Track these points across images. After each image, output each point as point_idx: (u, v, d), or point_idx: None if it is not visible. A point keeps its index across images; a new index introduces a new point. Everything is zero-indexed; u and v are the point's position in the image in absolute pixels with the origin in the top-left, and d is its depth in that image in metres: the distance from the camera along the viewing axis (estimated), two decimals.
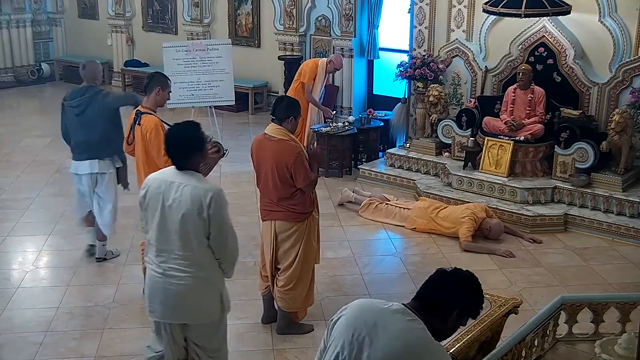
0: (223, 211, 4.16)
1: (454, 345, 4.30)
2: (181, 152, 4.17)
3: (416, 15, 9.58)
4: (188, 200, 4.07)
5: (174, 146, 4.20)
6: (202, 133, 4.24)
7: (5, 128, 11.76)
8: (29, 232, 7.71)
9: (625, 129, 7.75)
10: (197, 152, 4.19)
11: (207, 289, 4.24)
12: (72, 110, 6.60)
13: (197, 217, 4.07)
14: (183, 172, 4.16)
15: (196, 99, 10.56)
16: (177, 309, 4.21)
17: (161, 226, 4.16)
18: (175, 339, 4.30)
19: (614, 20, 8.20)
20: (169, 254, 4.17)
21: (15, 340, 5.60)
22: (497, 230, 7.55)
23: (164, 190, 4.13)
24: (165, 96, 5.86)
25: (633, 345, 4.34)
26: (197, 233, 4.10)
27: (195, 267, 4.15)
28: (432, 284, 2.96)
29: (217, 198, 4.10)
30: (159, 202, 4.14)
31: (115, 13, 14.54)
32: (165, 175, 4.22)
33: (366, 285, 6.53)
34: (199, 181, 4.14)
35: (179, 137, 4.19)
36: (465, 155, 8.64)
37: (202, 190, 4.08)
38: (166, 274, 4.18)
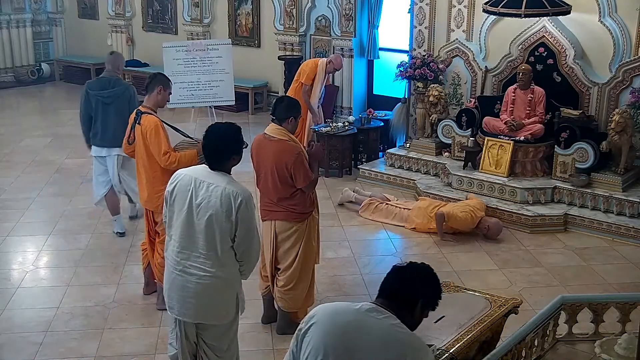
0: (252, 215, 4.13)
1: (454, 345, 4.30)
2: (217, 153, 4.14)
3: (416, 15, 9.58)
4: (217, 202, 4.05)
5: (211, 146, 4.16)
6: (241, 137, 4.21)
7: (5, 128, 11.75)
8: (29, 232, 7.71)
9: (625, 129, 7.75)
10: (232, 155, 4.16)
11: (225, 289, 4.23)
12: (101, 99, 7.17)
13: (225, 219, 4.05)
14: (215, 172, 4.14)
15: (196, 99, 10.56)
16: (194, 307, 4.20)
17: (186, 223, 4.15)
18: (188, 336, 4.31)
19: (614, 20, 8.21)
20: (191, 252, 4.16)
21: (15, 340, 5.60)
22: (496, 229, 7.56)
23: (193, 188, 4.12)
24: (165, 96, 5.88)
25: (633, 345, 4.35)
26: (222, 234, 4.09)
27: (217, 267, 4.14)
28: (394, 279, 2.96)
29: (247, 201, 4.08)
30: (187, 199, 4.13)
31: (115, 13, 14.54)
32: (197, 173, 4.19)
33: (366, 285, 6.53)
34: (230, 183, 4.11)
35: (218, 138, 4.16)
36: (465, 155, 8.64)
37: (233, 192, 4.06)
38: (186, 271, 4.18)
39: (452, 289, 5.05)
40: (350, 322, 2.86)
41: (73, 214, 8.16)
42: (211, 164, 4.17)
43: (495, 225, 7.57)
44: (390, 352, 2.81)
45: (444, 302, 4.77)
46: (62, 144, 10.87)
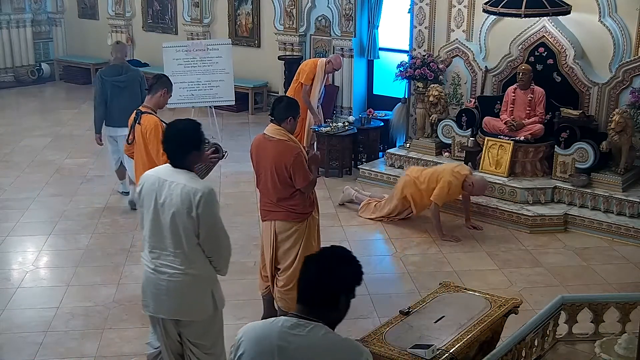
0: (213, 211, 4.11)
1: (454, 345, 4.31)
2: (177, 149, 4.13)
3: (416, 15, 9.58)
4: (178, 199, 4.04)
5: (170, 142, 4.16)
6: (202, 133, 4.21)
7: (5, 128, 11.75)
8: (29, 232, 7.71)
9: (625, 129, 7.75)
10: (192, 151, 4.15)
11: (197, 286, 4.22)
12: (117, 84, 8.10)
13: (186, 216, 4.04)
14: (177, 170, 4.13)
15: (196, 99, 10.57)
16: (168, 304, 4.22)
17: (154, 223, 4.17)
18: (168, 333, 4.32)
19: (614, 20, 8.20)
20: (161, 251, 4.18)
21: (15, 340, 5.61)
22: (481, 185, 7.59)
23: (157, 188, 4.12)
24: (167, 99, 5.99)
25: (633, 345, 4.35)
26: (187, 232, 4.08)
27: (186, 264, 4.14)
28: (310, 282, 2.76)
29: (207, 197, 4.04)
30: (152, 199, 4.15)
31: (115, 13, 14.54)
32: (160, 172, 4.20)
33: (366, 285, 6.52)
34: (190, 180, 4.09)
35: (177, 134, 4.16)
36: (465, 155, 8.64)
37: (192, 189, 4.04)
38: (158, 270, 4.20)
39: (452, 289, 5.05)
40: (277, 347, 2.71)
41: (73, 214, 8.16)
42: (172, 160, 4.16)
43: (480, 181, 7.61)
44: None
45: (444, 302, 4.82)
46: (62, 144, 10.88)
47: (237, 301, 6.06)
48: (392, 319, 4.65)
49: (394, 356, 4.22)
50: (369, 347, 4.30)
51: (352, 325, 5.80)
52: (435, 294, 4.97)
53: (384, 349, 4.29)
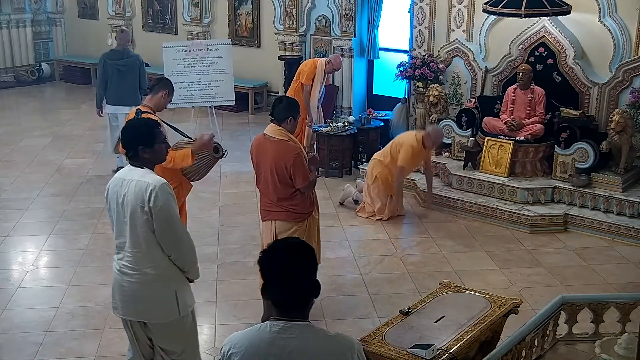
0: (167, 205, 4.01)
1: (454, 345, 4.31)
2: (129, 145, 4.11)
3: (416, 15, 9.59)
4: (132, 195, 4.02)
5: (123, 139, 4.16)
6: (152, 133, 4.14)
7: (5, 128, 11.75)
8: (29, 232, 7.71)
9: (625, 129, 7.75)
10: (140, 146, 4.07)
11: (157, 287, 4.14)
12: (118, 67, 9.04)
13: (140, 212, 4.01)
14: (133, 168, 4.11)
15: (196, 99, 10.56)
16: (132, 305, 4.19)
17: (118, 224, 4.16)
18: (138, 337, 4.28)
19: (614, 20, 8.21)
20: (124, 252, 4.17)
21: (15, 340, 5.61)
22: (436, 132, 8.02)
23: (118, 189, 4.11)
24: (167, 101, 5.98)
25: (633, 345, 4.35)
26: (144, 229, 4.03)
27: (144, 264, 4.10)
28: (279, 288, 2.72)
29: (160, 191, 3.98)
30: (115, 200, 4.13)
31: (115, 13, 14.53)
32: (121, 173, 4.19)
33: (366, 285, 6.53)
34: (142, 175, 4.05)
35: (130, 130, 4.16)
36: (465, 155, 8.64)
37: (144, 183, 4.00)
38: (121, 270, 4.19)
39: (452, 289, 5.05)
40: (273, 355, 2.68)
41: (73, 214, 8.16)
42: (129, 159, 4.16)
43: (434, 130, 8.05)
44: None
45: (444, 302, 4.82)
46: (62, 144, 10.87)
47: (238, 301, 6.06)
48: (392, 319, 4.65)
49: (394, 356, 4.22)
50: (369, 347, 4.31)
51: (352, 325, 5.80)
52: (435, 294, 4.97)
53: (384, 349, 4.29)
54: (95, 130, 11.66)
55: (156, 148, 4.15)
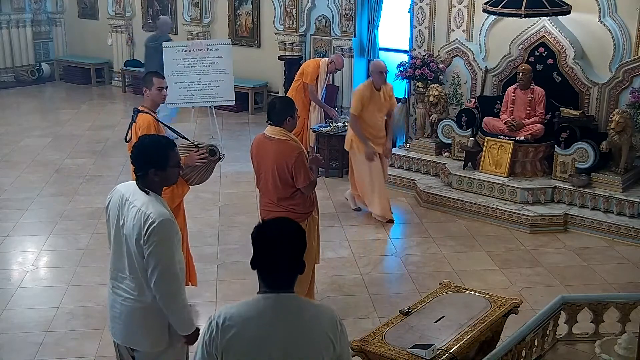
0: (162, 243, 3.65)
1: (454, 345, 4.31)
2: (138, 165, 3.78)
3: (416, 15, 9.58)
4: (131, 223, 3.72)
5: (131, 156, 3.83)
6: (171, 153, 3.79)
7: (5, 128, 11.75)
8: (29, 232, 7.71)
9: (625, 129, 7.75)
10: (151, 169, 3.73)
11: (149, 317, 3.84)
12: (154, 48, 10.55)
13: (136, 243, 3.70)
14: (138, 190, 3.78)
15: (196, 99, 10.56)
16: (120, 328, 3.99)
17: (115, 242, 3.95)
18: (123, 357, 4.10)
19: (614, 20, 8.20)
20: (118, 272, 3.94)
21: (15, 340, 5.60)
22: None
23: (120, 206, 3.84)
24: (155, 93, 5.66)
25: (633, 345, 4.35)
26: (138, 259, 3.73)
27: (139, 291, 3.82)
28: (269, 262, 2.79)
29: (158, 227, 3.62)
30: (115, 217, 3.90)
31: (115, 13, 14.54)
32: (126, 189, 3.88)
33: (366, 285, 6.53)
34: (146, 204, 3.70)
35: (139, 149, 3.81)
36: (465, 155, 8.64)
37: (144, 215, 3.66)
38: (114, 291, 3.99)
39: (452, 289, 5.05)
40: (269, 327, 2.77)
41: (73, 214, 8.16)
42: (136, 177, 3.83)
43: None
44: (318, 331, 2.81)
45: (444, 302, 4.82)
46: (62, 144, 10.88)
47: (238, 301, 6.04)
48: (392, 319, 4.65)
49: (394, 356, 4.22)
50: (369, 347, 4.31)
51: (352, 325, 5.80)
52: (435, 294, 4.97)
53: (384, 349, 4.29)
54: (95, 130, 11.67)
55: (169, 172, 3.81)
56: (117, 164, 9.74)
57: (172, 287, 3.73)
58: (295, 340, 2.77)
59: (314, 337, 2.80)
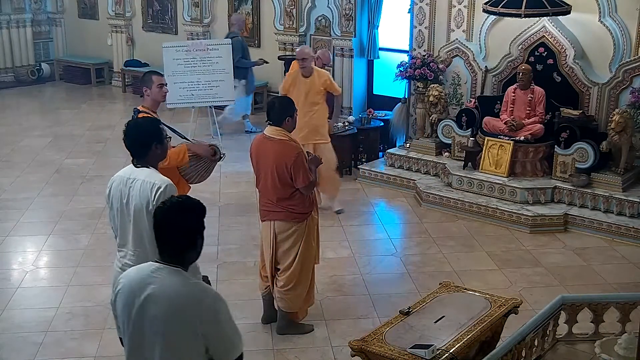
0: None
1: (454, 345, 4.31)
2: (139, 145, 4.09)
3: (416, 15, 9.58)
4: (137, 195, 4.02)
5: (132, 139, 4.11)
6: (159, 128, 4.17)
7: (5, 128, 11.75)
8: (29, 232, 7.71)
9: (625, 129, 7.75)
10: (154, 144, 4.08)
11: None
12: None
13: (145, 211, 4.00)
14: (138, 167, 4.10)
15: (196, 99, 10.56)
16: None
17: (121, 223, 4.18)
18: None
19: (614, 20, 8.20)
20: (127, 250, 4.19)
21: (15, 340, 5.61)
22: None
23: (122, 187, 4.11)
24: (155, 92, 5.58)
25: (633, 345, 4.35)
26: (147, 229, 3.99)
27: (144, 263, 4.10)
28: (161, 235, 3.07)
29: (165, 190, 3.98)
30: (119, 199, 4.14)
31: (115, 13, 14.53)
32: (125, 172, 4.17)
33: (366, 285, 6.53)
34: (149, 175, 4.05)
35: (135, 130, 4.11)
36: (465, 155, 8.64)
37: (150, 183, 4.01)
38: (123, 269, 4.11)
39: (452, 289, 5.05)
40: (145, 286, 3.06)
41: (73, 214, 8.16)
42: (135, 158, 4.12)
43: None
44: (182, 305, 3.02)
45: (444, 302, 4.81)
46: (62, 144, 10.88)
47: (238, 301, 6.05)
48: (392, 319, 4.64)
49: (394, 356, 4.22)
50: (369, 347, 4.31)
51: (352, 325, 5.81)
52: (435, 294, 4.97)
53: (384, 349, 4.29)
54: (95, 130, 11.68)
55: (165, 144, 4.18)
56: (117, 164, 9.61)
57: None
58: (154, 309, 3.02)
59: (172, 311, 3.01)
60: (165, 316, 3.02)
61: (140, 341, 3.09)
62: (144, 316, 3.05)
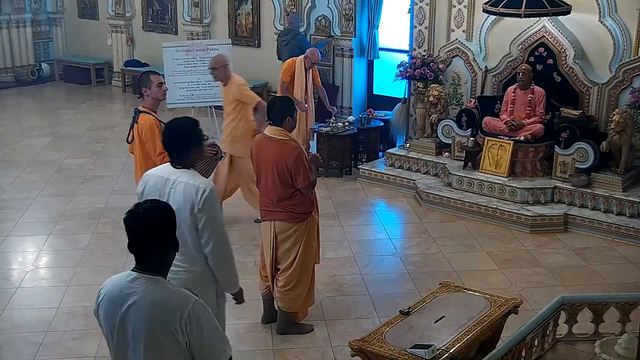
0: (214, 208, 4.11)
1: (454, 345, 4.31)
2: (176, 147, 4.12)
3: (416, 15, 9.58)
4: (181, 197, 4.04)
5: (169, 141, 4.16)
6: (200, 130, 4.19)
7: (5, 128, 11.75)
8: (29, 232, 7.71)
9: (625, 129, 7.75)
10: (192, 148, 4.12)
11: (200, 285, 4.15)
12: (281, 41, 10.78)
13: (189, 214, 4.04)
14: (178, 168, 4.13)
15: (196, 99, 10.56)
16: None
17: None
18: None
19: (614, 20, 8.20)
20: None
21: (15, 340, 5.61)
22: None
23: (160, 188, 4.12)
24: (155, 91, 5.69)
25: (633, 345, 4.35)
26: (191, 230, 4.07)
27: (189, 262, 4.13)
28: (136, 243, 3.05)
29: (209, 195, 4.04)
30: (156, 197, 4.09)
31: (115, 13, 14.53)
32: (162, 171, 4.19)
33: (366, 285, 6.53)
34: (191, 177, 4.09)
35: (177, 132, 4.14)
36: (465, 155, 8.64)
37: (194, 187, 4.04)
38: None
39: (452, 289, 5.05)
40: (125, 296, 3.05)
41: (73, 214, 8.16)
42: (174, 159, 4.15)
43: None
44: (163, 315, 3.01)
45: (444, 302, 4.82)
46: (62, 144, 10.88)
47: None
48: (392, 319, 4.65)
49: (394, 356, 4.22)
50: (369, 347, 4.31)
51: (352, 325, 5.81)
52: (435, 294, 4.97)
53: (384, 349, 4.29)
54: (95, 130, 11.68)
55: (202, 146, 4.25)
56: (117, 164, 9.74)
57: (226, 250, 4.21)
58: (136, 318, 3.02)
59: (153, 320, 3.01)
60: (148, 326, 3.01)
61: (125, 351, 3.13)
62: (126, 327, 3.06)
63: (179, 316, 3.00)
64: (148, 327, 3.01)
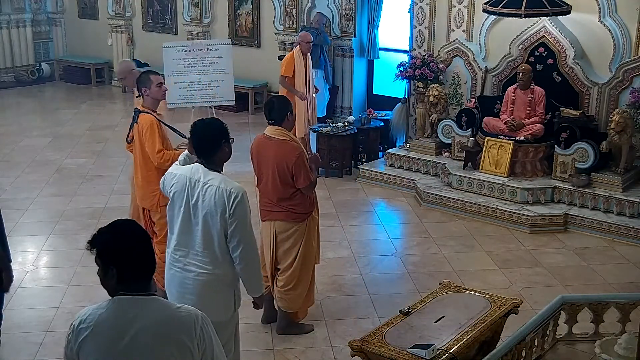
0: (244, 217, 4.14)
1: (454, 345, 4.31)
2: (208, 145, 4.17)
3: (416, 15, 9.58)
4: (212, 200, 4.09)
5: (200, 139, 4.21)
6: (226, 129, 4.25)
7: (5, 128, 11.75)
8: (29, 232, 7.71)
9: (625, 129, 7.75)
10: (222, 143, 4.18)
11: (223, 286, 4.25)
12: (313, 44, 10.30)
13: (220, 217, 4.08)
14: (208, 170, 4.17)
15: (196, 99, 10.55)
16: (192, 303, 4.14)
17: (185, 223, 4.21)
18: None
19: (614, 20, 8.20)
20: (189, 250, 4.22)
21: (15, 340, 5.60)
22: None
23: (189, 188, 4.16)
24: (154, 91, 5.66)
25: (633, 345, 4.35)
26: (219, 232, 4.12)
27: (214, 265, 4.18)
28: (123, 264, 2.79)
29: (242, 199, 4.09)
30: (184, 199, 4.19)
31: (115, 13, 14.53)
32: (192, 172, 4.22)
33: (366, 285, 6.53)
34: (223, 181, 4.13)
35: (204, 130, 4.20)
36: (465, 155, 8.64)
37: (227, 191, 4.08)
38: (185, 268, 4.24)
39: (452, 289, 5.05)
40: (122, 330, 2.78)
41: (73, 214, 8.16)
42: (204, 158, 4.20)
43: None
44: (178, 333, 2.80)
45: (444, 302, 4.81)
46: (62, 144, 10.88)
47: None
48: (392, 319, 4.65)
49: (394, 356, 4.22)
50: (369, 347, 4.31)
51: (352, 325, 5.81)
52: (435, 294, 4.97)
53: (384, 349, 4.29)
54: (95, 130, 11.68)
55: (230, 143, 4.27)
56: (117, 164, 9.74)
57: (254, 254, 4.25)
58: (146, 341, 2.76)
59: (166, 340, 2.78)
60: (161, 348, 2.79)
61: None
62: (133, 355, 2.78)
63: (194, 332, 2.84)
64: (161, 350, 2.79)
